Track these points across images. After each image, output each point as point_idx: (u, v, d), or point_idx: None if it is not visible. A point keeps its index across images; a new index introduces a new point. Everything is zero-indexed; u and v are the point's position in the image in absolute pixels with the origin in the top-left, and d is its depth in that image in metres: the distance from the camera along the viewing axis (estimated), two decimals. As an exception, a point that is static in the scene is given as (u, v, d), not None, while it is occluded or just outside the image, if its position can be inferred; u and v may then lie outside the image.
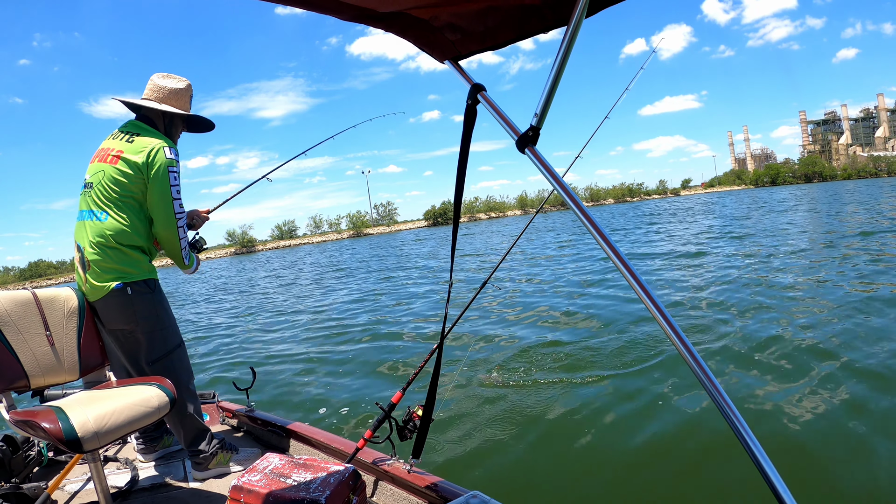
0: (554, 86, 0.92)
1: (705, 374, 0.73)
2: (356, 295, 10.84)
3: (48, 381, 1.98)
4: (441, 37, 1.10)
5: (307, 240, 77.44)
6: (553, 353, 4.88)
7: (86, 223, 2.05)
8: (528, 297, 7.96)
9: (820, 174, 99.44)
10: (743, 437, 0.69)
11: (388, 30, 1.10)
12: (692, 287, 7.27)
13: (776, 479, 0.66)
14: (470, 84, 1.09)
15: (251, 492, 1.60)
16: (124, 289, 2.02)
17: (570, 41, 0.85)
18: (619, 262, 0.84)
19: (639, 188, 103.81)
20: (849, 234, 11.27)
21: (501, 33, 1.04)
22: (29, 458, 2.25)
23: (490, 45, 1.08)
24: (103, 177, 2.02)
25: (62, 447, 1.59)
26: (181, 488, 2.19)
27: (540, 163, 0.96)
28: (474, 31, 1.06)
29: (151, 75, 2.20)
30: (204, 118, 2.35)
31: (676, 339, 0.77)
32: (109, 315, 2.07)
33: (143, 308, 2.07)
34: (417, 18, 1.06)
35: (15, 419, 1.69)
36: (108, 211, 2.01)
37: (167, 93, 2.16)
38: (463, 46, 1.11)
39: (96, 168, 2.07)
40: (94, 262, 2.02)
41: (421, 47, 1.15)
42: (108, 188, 2.02)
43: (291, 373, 5.28)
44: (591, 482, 2.70)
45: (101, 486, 1.83)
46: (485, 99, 1.07)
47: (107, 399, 1.80)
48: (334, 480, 1.62)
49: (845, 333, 4.44)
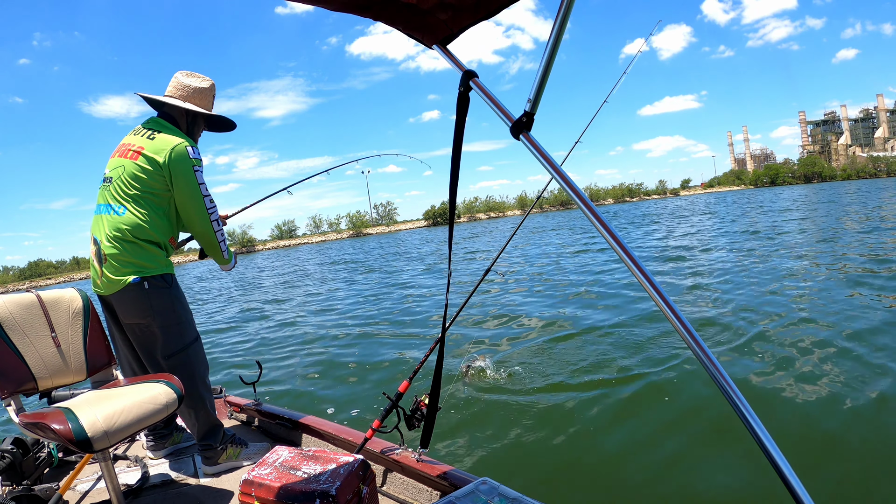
0: (548, 67, 0.89)
1: (715, 367, 0.72)
2: (363, 289, 10.86)
3: (56, 383, 1.99)
4: (431, 18, 1.07)
5: (307, 240, 77.63)
6: (561, 343, 4.89)
7: (103, 217, 2.04)
8: (535, 287, 7.96)
9: (819, 174, 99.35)
10: (750, 425, 0.68)
11: (376, 18, 1.07)
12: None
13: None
14: (462, 71, 1.06)
15: (262, 485, 1.60)
16: (141, 283, 2.01)
17: (568, 8, 0.82)
18: (619, 250, 0.82)
19: (638, 188, 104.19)
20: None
21: (494, 0, 1.00)
22: (39, 459, 2.25)
23: (483, 15, 1.04)
24: (123, 172, 2.01)
25: (73, 448, 1.59)
26: (192, 484, 2.20)
27: (535, 149, 0.94)
28: (466, 4, 1.02)
29: (175, 73, 2.19)
30: (226, 118, 2.32)
31: (683, 330, 0.75)
32: (126, 309, 2.05)
33: (159, 302, 2.05)
34: (405, 3, 1.03)
35: (25, 422, 1.69)
36: (126, 205, 2.00)
37: (191, 91, 2.15)
38: (455, 24, 1.07)
39: (116, 163, 2.06)
40: (110, 256, 2.00)
41: (410, 34, 1.12)
42: (127, 183, 2.01)
43: (297, 366, 5.30)
44: (598, 467, 2.71)
45: (112, 485, 1.84)
46: (477, 86, 1.05)
47: (115, 398, 1.80)
48: (344, 471, 1.62)
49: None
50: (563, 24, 0.84)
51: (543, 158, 0.93)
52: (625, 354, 4.24)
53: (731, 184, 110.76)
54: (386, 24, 1.10)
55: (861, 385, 3.22)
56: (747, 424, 0.68)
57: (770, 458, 0.66)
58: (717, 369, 0.71)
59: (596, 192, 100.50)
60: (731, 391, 0.70)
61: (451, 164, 1.23)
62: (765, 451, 0.66)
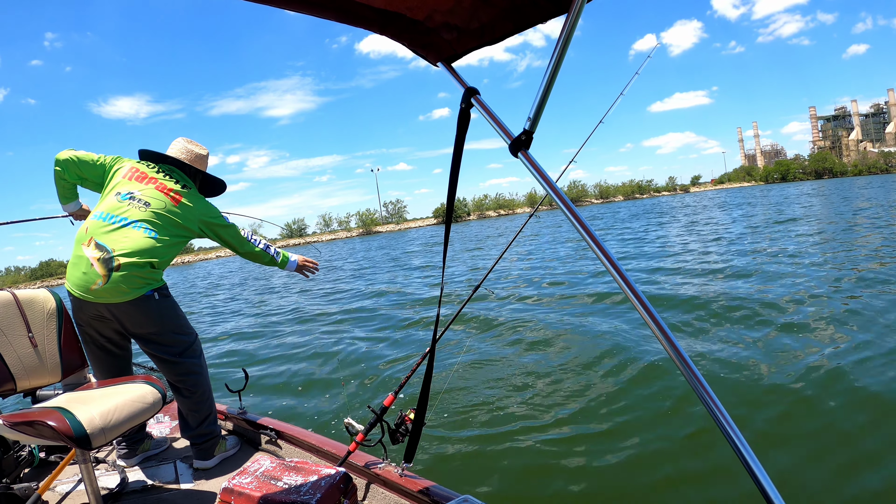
0: (548, 88, 0.91)
1: (695, 377, 0.73)
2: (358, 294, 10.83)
3: (33, 384, 1.98)
4: (437, 37, 1.09)
5: (317, 238, 77.28)
6: (551, 356, 4.89)
7: (131, 231, 2.13)
8: (526, 301, 7.97)
9: (830, 170, 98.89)
10: (732, 440, 0.69)
11: (381, 32, 1.10)
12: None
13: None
14: (464, 88, 1.08)
15: (241, 494, 1.60)
16: (153, 295, 2.16)
17: (570, 30, 0.83)
18: (609, 265, 0.84)
19: (648, 185, 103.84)
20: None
21: (499, 27, 1.02)
22: (20, 458, 2.24)
23: (488, 41, 1.07)
24: (164, 207, 2.23)
25: (70, 444, 1.60)
26: (172, 490, 2.19)
27: (532, 167, 0.96)
28: (471, 28, 1.04)
29: (179, 139, 2.51)
30: (218, 179, 2.60)
31: (667, 343, 0.76)
32: (136, 320, 2.16)
33: (167, 310, 2.23)
34: (412, 20, 1.05)
35: (13, 421, 1.66)
36: (160, 234, 2.20)
37: (194, 156, 2.48)
38: (460, 45, 1.10)
39: (153, 194, 2.23)
40: (128, 267, 2.07)
41: (415, 50, 1.15)
42: (167, 218, 2.23)
43: (283, 375, 5.27)
44: (582, 488, 2.70)
45: (92, 488, 1.83)
46: (478, 103, 1.07)
47: (102, 398, 1.81)
48: (325, 483, 1.62)
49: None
50: (564, 47, 0.86)
51: (540, 176, 0.95)
52: (619, 367, 4.24)
53: (741, 180, 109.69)
54: (391, 38, 1.12)
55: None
56: (721, 428, 0.70)
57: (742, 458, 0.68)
58: (703, 388, 0.73)
59: (606, 188, 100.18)
60: (707, 397, 0.72)
61: (449, 178, 1.24)
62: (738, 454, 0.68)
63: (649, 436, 3.13)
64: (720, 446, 2.84)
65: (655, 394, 3.73)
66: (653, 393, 3.74)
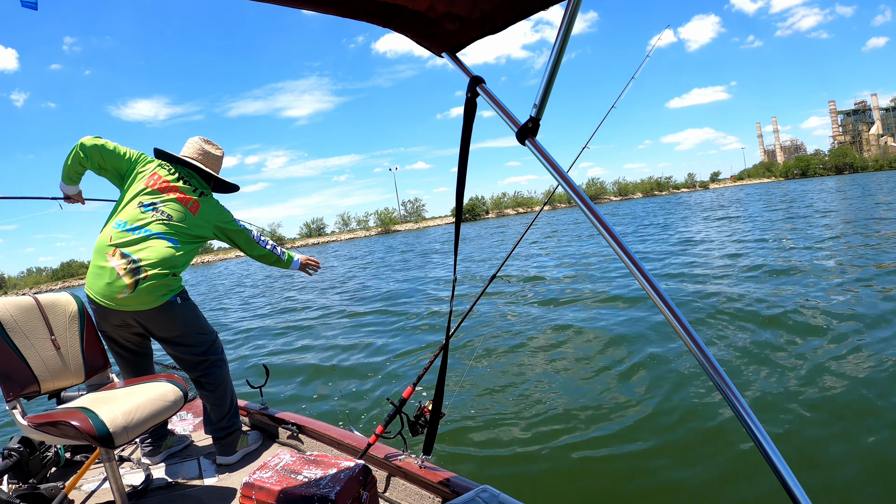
0: (553, 73, 0.90)
1: (716, 371, 0.71)
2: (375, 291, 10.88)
3: (57, 385, 2.01)
4: (440, 28, 1.09)
5: (335, 237, 77.84)
6: (567, 348, 4.86)
7: (155, 241, 2.18)
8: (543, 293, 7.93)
9: (851, 165, 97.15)
10: (755, 436, 0.66)
11: (385, 25, 1.10)
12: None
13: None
14: (469, 77, 1.08)
15: (262, 488, 1.61)
16: (176, 300, 2.23)
17: (572, 17, 0.82)
18: (624, 256, 0.82)
19: (667, 181, 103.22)
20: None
21: (500, 16, 1.02)
22: (46, 459, 2.28)
23: (490, 30, 1.06)
24: (184, 218, 2.30)
25: (94, 443, 1.62)
26: (195, 486, 2.21)
27: (541, 154, 0.94)
28: (472, 18, 1.04)
29: (195, 138, 2.54)
30: (229, 183, 2.65)
31: (685, 335, 0.74)
32: (162, 325, 2.24)
33: (189, 313, 2.30)
34: (414, 12, 1.05)
35: (37, 423, 1.69)
36: (181, 242, 2.27)
37: (210, 159, 2.52)
38: (463, 35, 1.10)
39: (175, 206, 2.28)
40: (154, 277, 2.13)
41: (419, 41, 1.15)
42: (188, 228, 2.30)
43: (305, 371, 5.31)
44: (599, 478, 2.67)
45: (117, 486, 1.85)
46: (484, 91, 1.06)
47: (125, 397, 1.84)
48: (344, 476, 1.62)
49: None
50: (567, 32, 0.84)
51: (549, 163, 0.94)
52: (642, 365, 4.18)
53: (761, 176, 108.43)
54: (395, 31, 1.12)
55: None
56: (745, 426, 0.67)
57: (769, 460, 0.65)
58: (723, 381, 0.70)
59: (625, 185, 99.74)
60: (731, 396, 0.69)
61: (457, 167, 1.23)
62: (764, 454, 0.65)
63: (668, 436, 3.03)
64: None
65: (674, 389, 3.67)
66: (672, 389, 3.69)
